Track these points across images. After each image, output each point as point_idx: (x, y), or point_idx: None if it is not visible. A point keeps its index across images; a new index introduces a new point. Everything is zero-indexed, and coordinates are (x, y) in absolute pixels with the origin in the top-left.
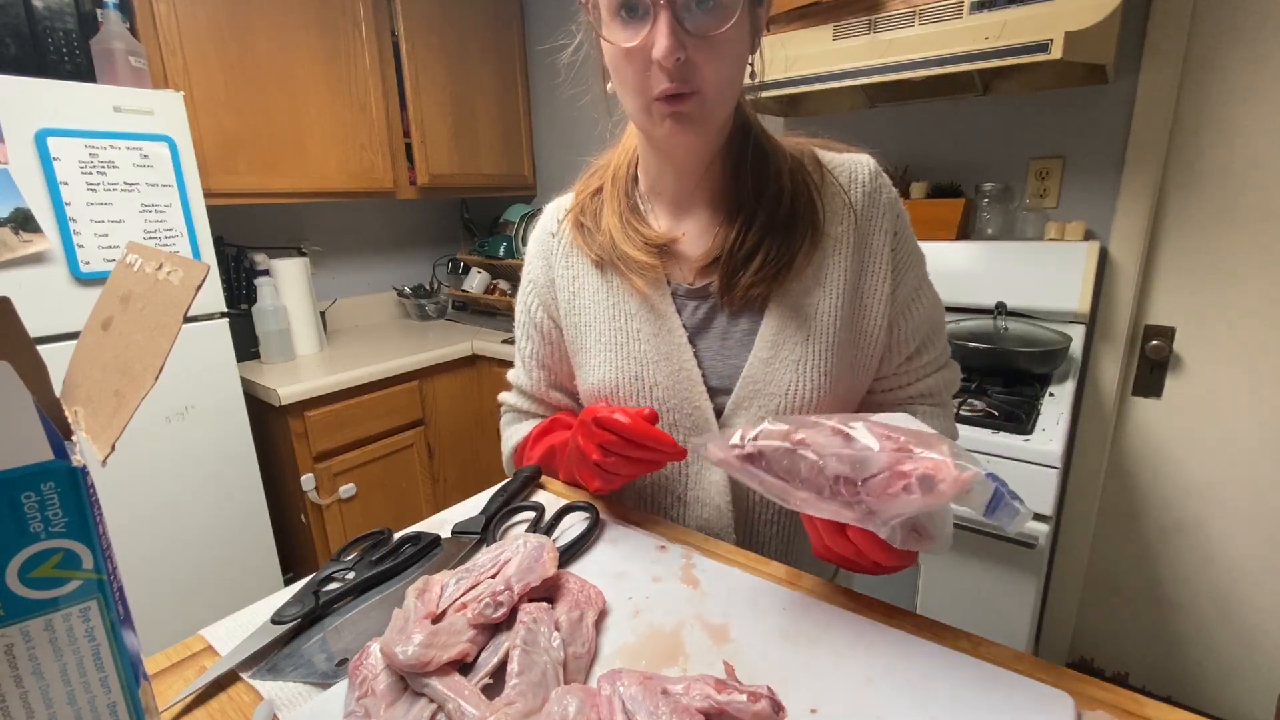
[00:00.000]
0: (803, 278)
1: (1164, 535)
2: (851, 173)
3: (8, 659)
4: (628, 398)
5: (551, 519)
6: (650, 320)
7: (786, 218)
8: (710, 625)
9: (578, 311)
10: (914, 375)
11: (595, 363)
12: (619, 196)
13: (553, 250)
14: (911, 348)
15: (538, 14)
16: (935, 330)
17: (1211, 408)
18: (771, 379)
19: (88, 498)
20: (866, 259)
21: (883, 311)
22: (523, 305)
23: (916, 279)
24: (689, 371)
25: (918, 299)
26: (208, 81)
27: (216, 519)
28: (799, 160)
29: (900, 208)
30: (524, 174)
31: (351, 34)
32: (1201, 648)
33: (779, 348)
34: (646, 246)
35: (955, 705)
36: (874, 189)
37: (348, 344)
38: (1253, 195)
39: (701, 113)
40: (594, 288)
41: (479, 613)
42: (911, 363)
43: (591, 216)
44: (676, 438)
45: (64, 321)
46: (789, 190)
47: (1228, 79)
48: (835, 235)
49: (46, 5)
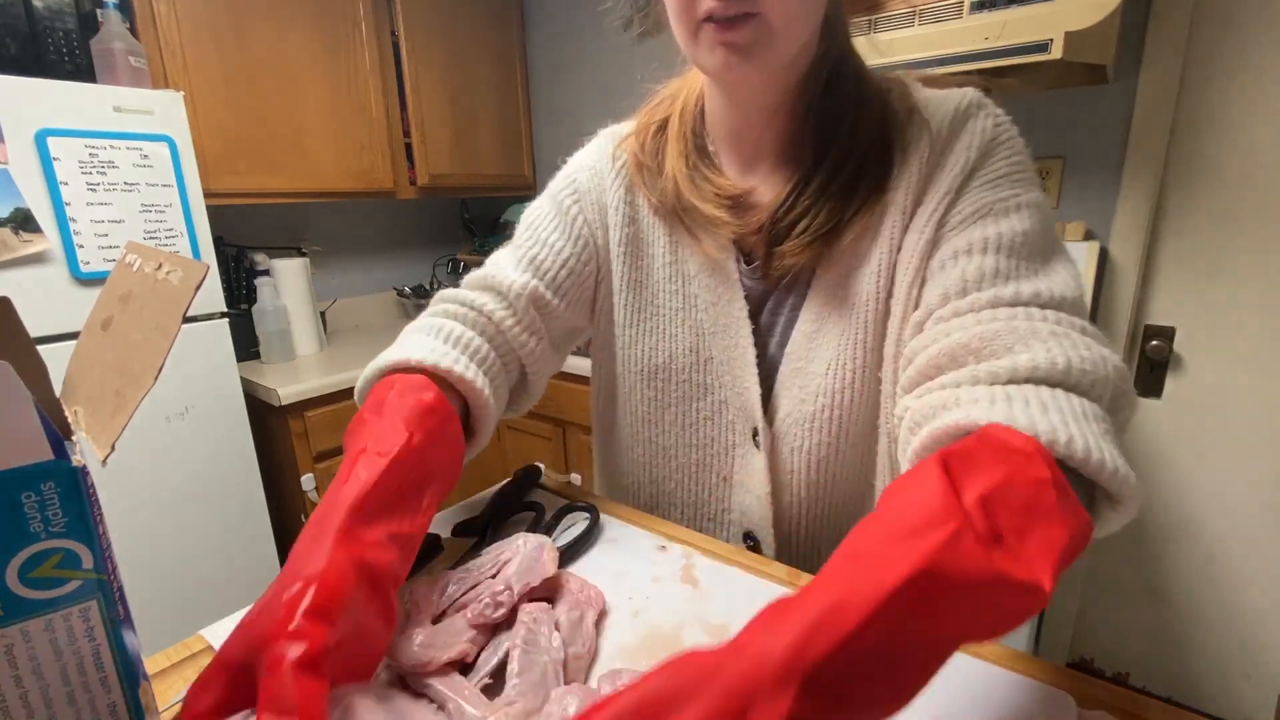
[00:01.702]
0: (857, 243)
1: (1164, 535)
2: (942, 106)
3: (8, 659)
4: (680, 370)
5: (551, 519)
6: (710, 286)
7: (850, 177)
8: (710, 625)
9: (627, 262)
10: (949, 326)
11: (647, 326)
12: (685, 135)
13: (609, 177)
14: (957, 276)
15: (537, 13)
16: (1026, 263)
17: (1212, 408)
18: (814, 356)
19: (88, 498)
20: (928, 195)
21: (914, 265)
22: (552, 201)
23: (1003, 204)
24: (744, 349)
25: (992, 218)
26: (208, 81)
27: (217, 519)
28: (887, 101)
29: (999, 146)
30: (524, 174)
31: (351, 34)
32: (1202, 648)
33: (823, 320)
34: (717, 198)
35: (955, 705)
36: (960, 121)
37: (348, 344)
38: (1253, 195)
39: (762, 41)
40: (651, 239)
41: (479, 613)
42: (950, 303)
43: (653, 156)
44: (724, 419)
45: (64, 322)
46: (863, 144)
47: (1228, 79)
48: (904, 184)
49: (46, 5)
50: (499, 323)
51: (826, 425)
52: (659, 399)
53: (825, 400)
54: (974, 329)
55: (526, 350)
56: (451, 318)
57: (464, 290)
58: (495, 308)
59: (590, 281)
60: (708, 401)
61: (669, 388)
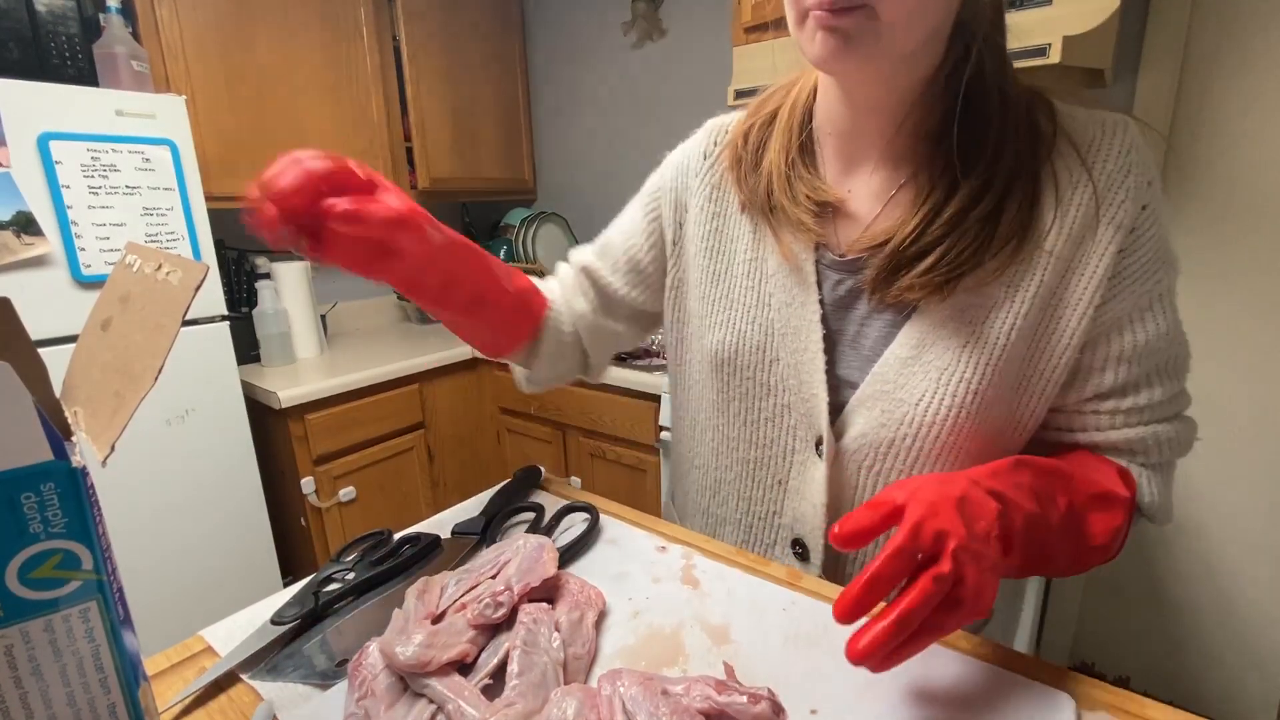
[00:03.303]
0: (984, 281)
1: (1164, 538)
2: (1098, 137)
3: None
4: (745, 367)
5: (551, 519)
6: (786, 287)
7: (990, 210)
8: (710, 626)
9: (709, 256)
10: (1110, 420)
11: (719, 319)
12: (791, 129)
13: (698, 174)
14: (1111, 382)
15: (538, 17)
16: (1163, 370)
17: (1211, 410)
18: (905, 383)
19: (87, 498)
20: (1082, 254)
21: (1080, 328)
22: (644, 201)
23: (1148, 295)
24: (813, 356)
25: (1140, 320)
26: (209, 85)
27: (216, 521)
28: (1035, 121)
29: (1155, 196)
30: (524, 178)
31: (353, 38)
32: (1203, 651)
33: (924, 348)
34: (810, 202)
35: (956, 706)
36: (1126, 164)
37: (348, 347)
38: (1251, 198)
39: (869, 33)
40: (735, 234)
41: (479, 613)
42: (1108, 401)
43: (754, 151)
44: (785, 423)
45: (65, 324)
46: (1006, 172)
47: (1225, 82)
48: (1055, 234)
49: (49, 9)
50: (576, 279)
51: (906, 453)
52: (725, 390)
53: (910, 430)
54: (1125, 433)
55: (571, 310)
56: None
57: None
58: (568, 273)
59: (652, 268)
60: (770, 403)
61: (734, 382)
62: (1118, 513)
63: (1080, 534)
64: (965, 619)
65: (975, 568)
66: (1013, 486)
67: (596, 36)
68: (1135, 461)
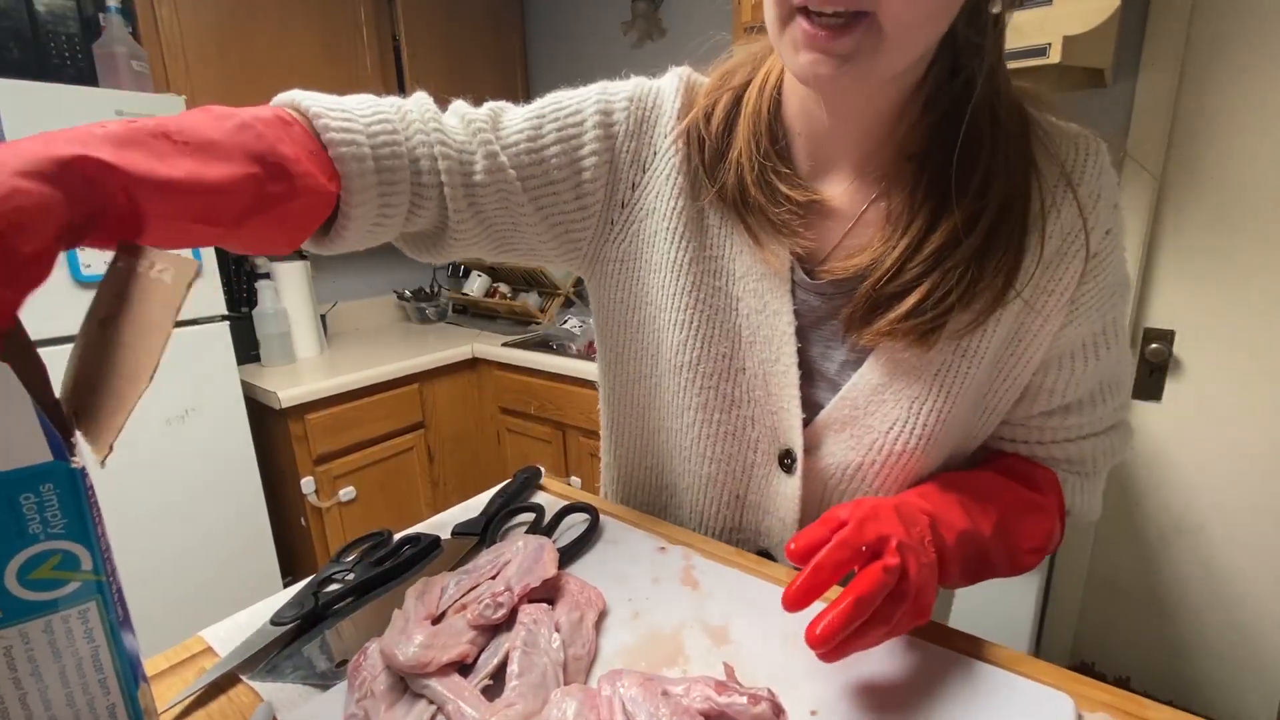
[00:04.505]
0: (969, 329)
1: (1165, 539)
2: (1072, 156)
3: (7, 661)
4: (708, 375)
5: (551, 520)
6: (758, 292)
7: (974, 252)
8: (710, 627)
9: (673, 240)
10: (1053, 434)
11: (679, 317)
12: (760, 115)
13: (667, 135)
14: (1059, 402)
15: (538, 16)
16: (1106, 388)
17: (1211, 411)
18: (876, 410)
19: (87, 499)
20: (1050, 278)
21: (1039, 354)
22: (593, 122)
23: (1103, 321)
24: (786, 369)
25: (1094, 346)
26: (210, 85)
27: (216, 521)
28: (1026, 142)
29: (1118, 220)
30: None
31: (353, 37)
32: (1203, 652)
33: (895, 376)
34: (791, 204)
35: (956, 707)
36: (1098, 188)
37: (348, 347)
38: (1251, 198)
39: (867, 48)
40: (704, 224)
41: (479, 614)
42: (1052, 419)
43: (717, 132)
44: (748, 437)
45: (65, 324)
46: (996, 207)
47: (1225, 81)
48: (1035, 264)
49: (49, 9)
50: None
51: (875, 477)
52: (680, 396)
53: (878, 457)
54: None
55: (473, 207)
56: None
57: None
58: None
59: (563, 218)
60: (732, 415)
61: (691, 390)
62: (1048, 518)
63: (1014, 542)
64: (910, 616)
65: (917, 563)
66: (943, 507)
67: (596, 36)
68: (1071, 470)
